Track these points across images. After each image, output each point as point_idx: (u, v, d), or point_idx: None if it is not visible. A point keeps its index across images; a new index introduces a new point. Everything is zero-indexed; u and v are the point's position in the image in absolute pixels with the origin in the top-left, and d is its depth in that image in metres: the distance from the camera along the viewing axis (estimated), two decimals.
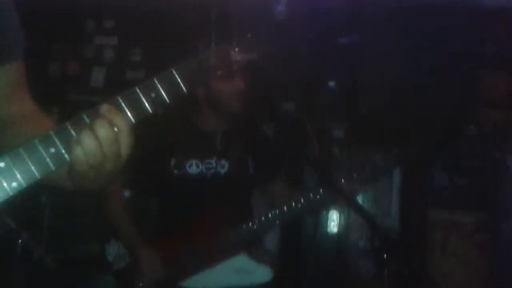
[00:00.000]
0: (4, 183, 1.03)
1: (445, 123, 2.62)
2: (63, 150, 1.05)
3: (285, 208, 2.39)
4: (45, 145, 1.04)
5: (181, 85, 1.13)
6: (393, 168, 2.79)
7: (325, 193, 2.38)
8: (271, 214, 2.39)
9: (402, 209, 4.21)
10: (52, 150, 1.05)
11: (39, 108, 1.32)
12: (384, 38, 3.07)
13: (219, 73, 1.23)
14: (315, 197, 2.39)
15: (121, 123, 1.06)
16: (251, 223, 2.40)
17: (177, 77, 1.13)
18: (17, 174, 1.03)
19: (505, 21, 3.93)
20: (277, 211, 2.39)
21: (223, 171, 2.49)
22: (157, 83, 1.11)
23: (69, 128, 1.06)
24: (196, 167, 2.46)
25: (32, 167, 1.04)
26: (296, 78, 3.86)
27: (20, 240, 2.68)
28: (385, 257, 1.66)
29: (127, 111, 1.09)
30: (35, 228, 3.28)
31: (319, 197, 2.39)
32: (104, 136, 1.04)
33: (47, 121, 1.28)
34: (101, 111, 1.06)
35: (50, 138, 1.05)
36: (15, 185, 1.04)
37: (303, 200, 2.39)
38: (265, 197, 2.69)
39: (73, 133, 1.06)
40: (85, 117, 1.07)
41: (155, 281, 2.36)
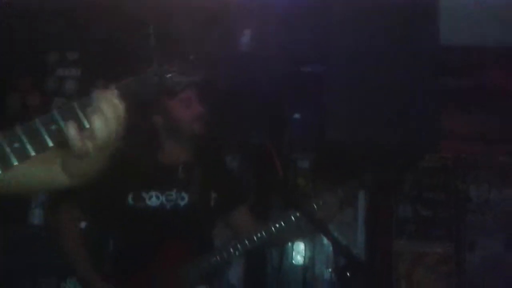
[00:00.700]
0: None
1: (406, 153, 2.64)
2: (28, 144, 1.06)
3: (246, 240, 2.37)
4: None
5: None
6: (358, 193, 2.79)
7: (286, 225, 2.37)
8: (231, 246, 2.37)
9: (367, 241, 4.20)
10: (16, 144, 1.05)
11: None
12: (348, 69, 3.10)
13: (161, 94, 1.24)
14: (276, 229, 2.37)
15: (116, 105, 1.11)
16: (211, 256, 2.36)
17: (117, 94, 1.15)
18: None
19: (464, 58, 4.06)
20: (237, 243, 2.37)
21: (182, 203, 2.45)
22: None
23: (38, 123, 1.07)
24: (156, 199, 2.42)
25: (28, 145, 1.05)
26: (260, 109, 3.87)
27: None
28: (349, 275, 1.63)
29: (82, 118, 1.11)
30: None
31: (279, 228, 2.37)
32: (109, 112, 1.10)
33: None
34: (97, 95, 1.11)
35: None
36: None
37: (264, 232, 2.37)
38: (227, 229, 2.65)
39: (60, 120, 1.08)
40: (76, 105, 1.10)
41: None
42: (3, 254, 3.26)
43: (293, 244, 4.12)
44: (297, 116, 4.19)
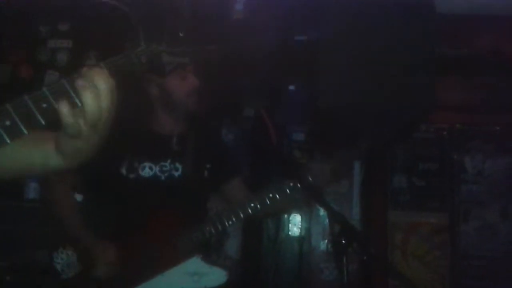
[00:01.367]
0: None
1: (400, 122, 2.63)
2: (19, 122, 1.03)
3: (239, 210, 2.37)
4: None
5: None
6: (353, 161, 2.79)
7: (280, 195, 2.37)
8: (224, 216, 2.37)
9: (362, 212, 4.22)
10: (7, 122, 1.02)
11: None
12: (342, 36, 3.07)
13: (151, 73, 1.22)
14: (270, 199, 2.38)
15: (106, 80, 1.09)
16: (205, 226, 2.36)
17: (106, 70, 1.12)
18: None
19: (459, 27, 4.03)
20: (231, 213, 2.37)
21: (177, 173, 2.44)
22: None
23: (28, 100, 1.04)
24: (149, 170, 2.41)
25: (19, 123, 1.02)
26: (255, 81, 3.84)
27: None
28: (343, 242, 1.63)
29: (52, 101, 1.07)
30: None
31: (273, 198, 2.38)
32: (102, 88, 1.07)
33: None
34: (88, 71, 1.08)
35: (5, 111, 1.03)
36: None
37: (257, 202, 2.38)
38: (221, 200, 2.65)
39: (51, 98, 1.05)
40: (65, 83, 1.07)
41: (109, 285, 2.27)
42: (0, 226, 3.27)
43: (289, 215, 4.14)
44: (292, 87, 4.16)
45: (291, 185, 2.35)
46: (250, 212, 2.37)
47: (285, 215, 4.07)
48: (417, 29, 3.16)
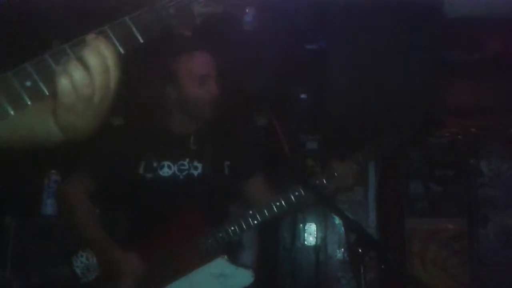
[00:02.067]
0: None
1: (411, 127, 2.61)
2: (40, 82, 0.98)
3: (264, 209, 2.34)
4: (20, 78, 0.97)
5: (137, 34, 1.05)
6: (367, 163, 2.77)
7: (305, 193, 2.33)
8: (249, 215, 2.33)
9: (379, 220, 4.18)
10: (28, 83, 0.97)
11: None
12: (351, 44, 3.07)
13: (180, 27, 1.13)
14: (295, 197, 2.34)
15: (109, 52, 1.01)
16: (229, 225, 2.33)
17: (132, 26, 1.05)
18: None
19: (470, 31, 4.00)
20: (256, 212, 2.34)
21: (196, 172, 2.43)
22: (109, 32, 1.04)
23: (48, 59, 0.98)
24: (168, 169, 2.40)
25: (4, 102, 0.97)
26: (267, 91, 3.84)
27: None
28: (360, 251, 1.61)
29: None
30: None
31: (298, 196, 2.34)
32: (94, 64, 0.99)
33: None
34: (87, 41, 1.00)
35: (25, 70, 0.97)
36: None
37: (282, 200, 2.34)
38: (241, 199, 2.61)
39: (53, 64, 0.98)
40: (67, 48, 1.00)
41: None
42: (18, 243, 3.29)
43: (304, 225, 4.11)
44: (303, 96, 4.16)
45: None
46: (275, 210, 2.34)
47: (300, 225, 4.05)
48: (425, 34, 3.15)
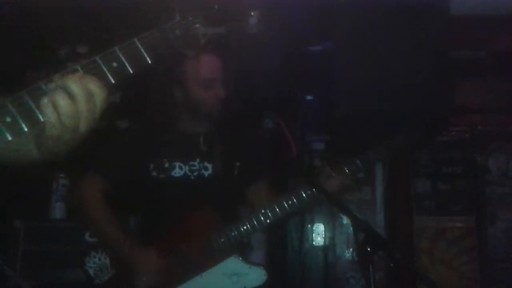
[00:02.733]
0: None
1: (419, 128, 2.61)
2: (20, 119, 1.01)
3: (276, 207, 2.34)
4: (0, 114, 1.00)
5: (145, 55, 1.10)
6: (376, 163, 2.77)
7: (314, 192, 2.33)
8: (261, 214, 2.34)
9: (387, 218, 4.18)
10: (8, 118, 1.01)
11: None
12: (356, 44, 3.07)
13: (186, 47, 1.17)
14: (308, 195, 2.34)
15: (91, 83, 1.04)
16: (241, 224, 2.33)
17: (140, 46, 1.09)
18: None
19: (477, 29, 3.99)
20: (268, 211, 2.34)
21: (207, 172, 2.44)
22: (118, 53, 1.08)
23: (26, 96, 1.02)
24: (179, 170, 2.42)
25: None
26: (272, 92, 3.85)
27: None
28: (369, 250, 1.61)
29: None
30: (10, 254, 3.20)
31: (310, 194, 2.34)
32: (78, 93, 1.02)
33: None
34: (66, 76, 1.03)
35: (4, 107, 1.01)
36: None
37: (295, 198, 2.35)
38: (247, 199, 2.61)
39: (30, 101, 1.01)
40: (42, 86, 1.03)
41: None
42: (28, 246, 3.32)
43: (312, 225, 4.12)
44: (309, 97, 4.16)
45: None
46: (288, 209, 2.34)
47: (308, 225, 4.06)
48: (432, 33, 3.15)
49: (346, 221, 4.14)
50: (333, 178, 2.39)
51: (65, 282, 3.18)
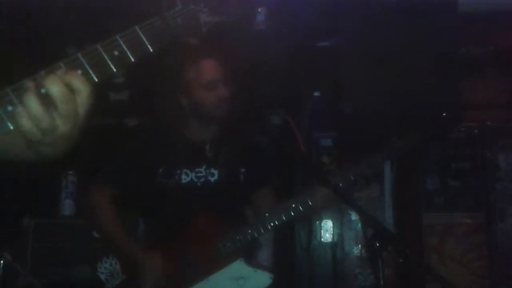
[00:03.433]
0: None
1: (428, 125, 2.60)
2: (4, 117, 1.00)
3: (281, 213, 2.37)
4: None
5: (146, 43, 1.09)
6: (384, 162, 2.76)
7: (321, 196, 2.34)
8: (266, 219, 2.37)
9: (396, 215, 4.17)
10: None
11: None
12: (364, 41, 3.06)
13: (187, 35, 1.16)
14: (312, 200, 2.35)
15: (74, 80, 1.02)
16: (246, 229, 2.37)
17: (142, 35, 1.08)
18: None
19: (484, 25, 3.97)
20: (273, 216, 2.37)
21: (213, 179, 2.48)
22: (120, 41, 1.07)
23: (11, 94, 1.01)
24: (186, 176, 2.46)
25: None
26: (280, 89, 3.85)
27: (2, 261, 2.60)
28: (378, 246, 1.61)
29: (88, 69, 1.05)
30: (19, 251, 3.22)
31: (315, 200, 2.35)
32: (56, 93, 0.99)
33: None
34: (47, 72, 1.01)
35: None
36: None
37: (299, 204, 2.36)
38: (253, 204, 2.64)
39: (15, 100, 1.00)
40: (25, 83, 1.01)
41: None
42: (37, 243, 3.35)
43: (320, 221, 4.11)
44: (317, 94, 4.16)
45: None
46: (292, 214, 2.36)
47: (317, 222, 4.05)
48: (440, 29, 3.13)
49: (354, 217, 4.13)
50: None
51: (74, 278, 3.20)
